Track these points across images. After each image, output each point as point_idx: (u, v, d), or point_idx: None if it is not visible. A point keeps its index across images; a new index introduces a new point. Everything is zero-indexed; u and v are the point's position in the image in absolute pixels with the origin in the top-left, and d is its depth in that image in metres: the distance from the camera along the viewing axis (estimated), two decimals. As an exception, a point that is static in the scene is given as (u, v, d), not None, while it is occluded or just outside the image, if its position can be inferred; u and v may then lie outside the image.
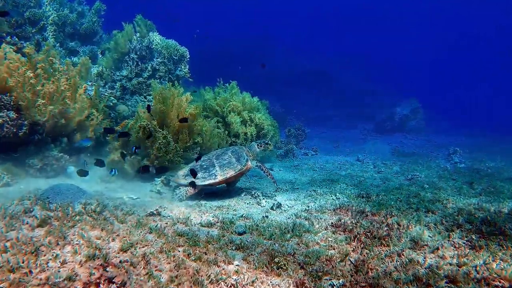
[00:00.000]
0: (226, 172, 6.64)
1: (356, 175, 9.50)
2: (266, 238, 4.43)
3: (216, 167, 6.67)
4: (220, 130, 10.11)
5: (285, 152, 12.78)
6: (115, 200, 5.30)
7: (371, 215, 5.56)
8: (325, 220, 5.30)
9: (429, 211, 5.79)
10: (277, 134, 11.54)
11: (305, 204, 6.25)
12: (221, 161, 6.76)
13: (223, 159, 6.82)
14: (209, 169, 6.64)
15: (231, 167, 6.72)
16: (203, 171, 6.61)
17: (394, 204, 6.22)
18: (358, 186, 8.09)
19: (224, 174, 6.60)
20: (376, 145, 15.43)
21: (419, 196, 6.91)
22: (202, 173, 6.57)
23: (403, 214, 5.61)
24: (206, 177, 6.52)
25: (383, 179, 9.00)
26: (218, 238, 4.25)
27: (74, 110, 6.90)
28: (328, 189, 7.66)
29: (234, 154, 6.98)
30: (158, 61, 10.76)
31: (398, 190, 7.56)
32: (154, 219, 4.63)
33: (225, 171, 6.64)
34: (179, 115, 8.59)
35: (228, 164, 6.74)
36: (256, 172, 8.95)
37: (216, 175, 6.55)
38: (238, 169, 6.73)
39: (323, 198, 6.79)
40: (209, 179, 6.51)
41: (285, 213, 5.70)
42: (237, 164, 6.78)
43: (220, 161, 6.77)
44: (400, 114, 24.65)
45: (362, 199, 6.71)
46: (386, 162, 11.98)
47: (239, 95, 11.19)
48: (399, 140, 20.62)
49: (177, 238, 4.12)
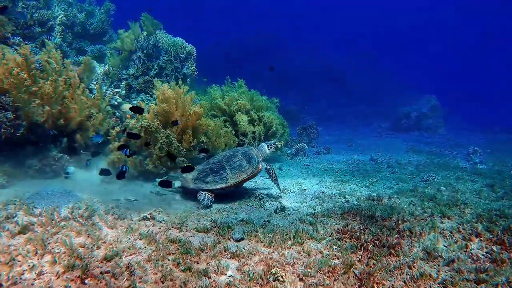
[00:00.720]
0: (238, 175, 6.36)
1: (368, 176, 9.06)
2: (265, 245, 4.13)
3: (227, 170, 6.40)
4: (227, 129, 9.84)
5: (295, 151, 12.42)
6: (110, 202, 5.10)
7: (381, 220, 5.18)
8: (331, 226, 4.95)
9: (445, 216, 5.36)
10: (286, 133, 11.20)
11: (312, 207, 5.91)
12: (231, 164, 6.49)
13: (233, 161, 6.54)
14: (220, 172, 6.37)
15: (242, 170, 6.44)
16: (214, 174, 6.35)
17: (407, 208, 5.81)
18: (370, 188, 7.67)
19: (236, 178, 6.33)
20: (391, 144, 14.85)
21: (434, 199, 6.45)
22: (212, 176, 6.31)
23: (416, 219, 5.20)
24: (217, 181, 6.25)
25: (396, 180, 8.54)
26: (212, 245, 3.97)
27: (74, 110, 6.76)
28: (338, 190, 7.28)
29: (245, 156, 6.69)
30: (164, 59, 10.58)
31: (412, 192, 7.11)
32: (147, 224, 4.39)
33: (236, 174, 6.37)
34: (183, 115, 8.38)
35: (239, 167, 6.46)
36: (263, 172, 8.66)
37: (227, 179, 6.29)
38: (250, 172, 6.46)
39: (331, 200, 6.43)
40: (221, 183, 6.24)
41: (289, 217, 5.38)
42: (248, 167, 6.50)
43: (230, 163, 6.50)
44: (418, 111, 23.79)
45: (373, 202, 6.31)
46: (401, 161, 11.46)
47: (247, 93, 10.90)
48: (415, 139, 19.88)
49: (169, 245, 3.87)
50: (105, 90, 9.26)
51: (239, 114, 10.05)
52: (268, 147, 7.24)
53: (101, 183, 6.55)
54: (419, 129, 23.21)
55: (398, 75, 39.51)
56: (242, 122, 9.97)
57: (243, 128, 9.98)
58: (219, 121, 9.42)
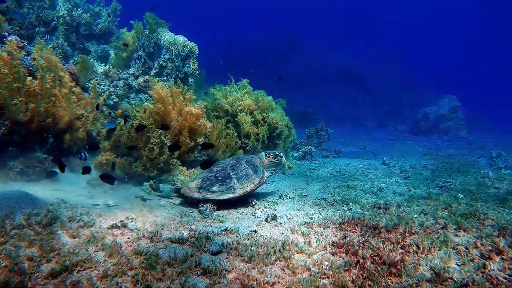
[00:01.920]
0: (246, 185, 5.93)
1: (378, 181, 8.38)
2: (244, 260, 3.60)
3: (233, 179, 5.96)
4: (230, 131, 9.37)
5: (302, 154, 11.82)
6: (84, 207, 4.69)
7: (386, 232, 4.56)
8: (326, 237, 4.37)
9: (461, 228, 4.68)
10: (292, 135, 10.62)
11: (309, 216, 5.33)
12: (237, 173, 6.05)
13: (239, 170, 6.09)
14: (226, 181, 5.93)
15: (249, 179, 6.00)
16: (220, 183, 5.90)
17: (417, 218, 5.15)
18: (378, 194, 7.01)
19: (244, 188, 5.89)
20: (407, 147, 14.02)
21: (450, 208, 5.75)
22: (218, 186, 5.87)
23: (426, 232, 4.55)
24: (224, 190, 5.81)
25: (409, 186, 7.82)
26: (183, 259, 3.48)
27: (62, 109, 6.45)
28: (341, 197, 6.66)
29: (250, 164, 6.24)
30: (165, 57, 10.23)
31: (425, 200, 6.42)
32: (115, 232, 3.95)
33: (244, 184, 5.93)
34: (181, 115, 7.98)
35: (246, 177, 6.01)
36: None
37: (235, 189, 5.84)
38: (257, 182, 6.04)
39: (332, 208, 5.83)
40: (228, 193, 5.79)
41: (280, 226, 4.83)
42: (255, 177, 6.08)
43: (236, 172, 6.06)
44: (437, 113, 22.64)
45: (379, 211, 5.67)
46: (415, 166, 10.67)
47: (252, 93, 10.41)
48: (434, 142, 18.86)
49: (133, 258, 3.41)
50: (102, 90, 8.97)
51: (242, 115, 9.56)
52: (266, 156, 6.79)
53: (86, 185, 6.19)
54: (438, 131, 22.07)
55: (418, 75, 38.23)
56: (245, 123, 9.47)
57: (246, 130, 9.48)
58: (220, 122, 8.95)
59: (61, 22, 11.38)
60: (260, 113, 9.93)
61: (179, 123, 7.89)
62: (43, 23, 11.77)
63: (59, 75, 6.64)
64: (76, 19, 12.19)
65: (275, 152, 6.84)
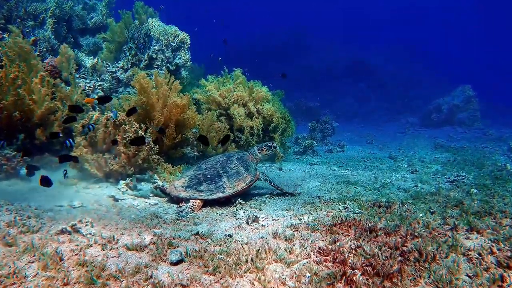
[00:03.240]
0: (236, 184, 5.41)
1: (382, 176, 7.67)
2: (208, 271, 3.00)
3: (223, 178, 5.44)
4: (222, 124, 8.80)
5: (303, 149, 11.14)
6: (39, 210, 4.17)
7: (384, 235, 3.90)
8: (312, 242, 3.74)
9: (474, 229, 3.99)
10: (290, 127, 9.96)
11: (297, 216, 4.70)
12: (228, 171, 5.52)
13: (230, 168, 5.56)
14: (215, 180, 5.41)
15: (240, 178, 5.47)
16: (208, 182, 5.40)
17: (422, 218, 4.47)
18: (380, 191, 6.32)
19: (234, 187, 5.38)
20: (416, 140, 13.17)
21: (461, 205, 5.04)
22: (207, 184, 5.36)
23: (432, 234, 3.88)
24: (213, 189, 5.31)
25: (416, 181, 7.10)
26: (134, 271, 2.91)
27: (32, 102, 5.95)
28: (339, 194, 6.00)
29: (241, 161, 5.70)
30: (155, 48, 9.69)
31: (433, 196, 5.71)
32: (62, 239, 3.40)
33: (234, 183, 5.40)
34: (167, 107, 7.44)
35: (237, 175, 5.48)
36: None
37: (224, 188, 5.33)
38: (249, 180, 5.52)
39: (326, 207, 5.17)
40: (217, 192, 5.29)
41: (262, 229, 4.21)
42: (246, 175, 5.55)
43: (226, 170, 5.52)
44: (449, 104, 21.55)
45: (379, 209, 5.00)
46: (424, 159, 9.88)
47: (246, 84, 9.80)
48: (447, 134, 17.89)
49: (74, 270, 2.85)
50: (86, 83, 8.49)
51: (235, 107, 8.95)
52: (259, 150, 6.21)
53: (59, 185, 5.68)
54: (452, 123, 21.03)
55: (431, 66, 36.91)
56: (238, 115, 8.87)
57: (239, 122, 8.88)
58: (209, 114, 8.37)
59: (49, 15, 10.93)
60: (255, 104, 9.30)
61: (164, 115, 7.35)
62: (32, 16, 11.38)
63: (30, 64, 6.13)
64: (67, 12, 11.77)
65: (267, 144, 6.24)
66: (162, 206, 5.06)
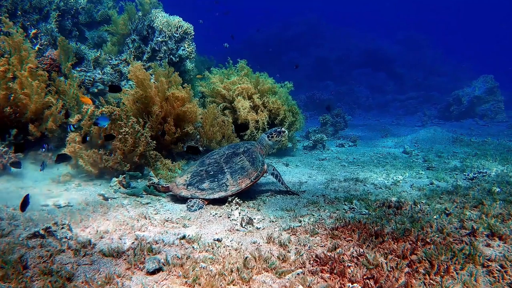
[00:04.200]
0: (240, 181, 5.05)
1: (394, 172, 7.17)
2: (187, 283, 2.67)
3: (226, 174, 5.09)
4: (225, 118, 8.45)
5: (313, 143, 10.68)
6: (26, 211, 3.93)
7: (391, 240, 3.49)
8: (310, 249, 3.37)
9: (495, 235, 3.53)
10: (298, 121, 9.51)
11: (297, 218, 4.31)
12: (232, 166, 5.16)
13: (234, 162, 5.19)
14: (218, 176, 5.07)
15: (245, 174, 5.11)
16: (211, 179, 5.06)
17: (436, 221, 4.01)
18: (391, 189, 5.85)
19: (237, 185, 5.02)
20: (434, 134, 12.48)
21: (481, 206, 4.54)
22: (209, 182, 5.03)
23: (446, 240, 3.43)
24: (215, 188, 4.98)
25: (431, 178, 6.58)
26: (104, 281, 2.61)
27: (25, 96, 5.75)
28: (346, 193, 5.57)
29: (247, 155, 5.30)
30: (158, 40, 9.38)
31: (450, 195, 5.20)
32: (32, 243, 3.13)
33: (238, 179, 5.05)
34: (168, 100, 7.14)
35: (241, 171, 5.11)
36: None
37: (227, 186, 4.99)
38: (254, 176, 5.15)
39: (330, 208, 4.77)
40: (219, 191, 4.95)
41: (256, 232, 3.85)
42: (252, 170, 5.17)
43: (230, 165, 5.16)
44: (470, 95, 20.50)
45: (388, 210, 4.56)
46: (442, 154, 9.26)
47: (252, 76, 9.40)
48: (467, 127, 17.00)
49: (37, 281, 2.57)
50: (87, 76, 8.27)
51: (239, 100, 8.58)
52: (268, 136, 5.72)
53: (51, 183, 5.48)
54: (473, 116, 20.01)
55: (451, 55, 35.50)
56: (242, 108, 8.49)
57: (243, 116, 8.50)
58: (212, 108, 8.03)
59: (53, 8, 10.77)
60: (260, 97, 8.90)
61: (163, 109, 7.06)
62: (38, 10, 11.27)
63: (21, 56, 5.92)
64: (73, 6, 11.61)
65: (276, 130, 5.75)
66: (154, 205, 4.76)
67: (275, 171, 5.56)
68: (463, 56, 36.94)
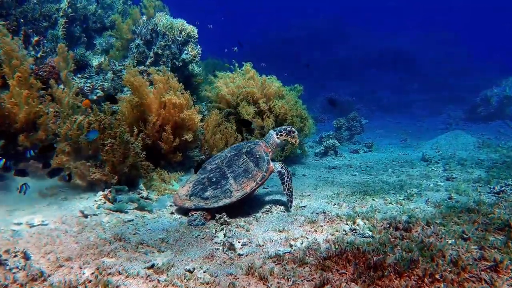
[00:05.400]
0: (245, 184, 4.69)
1: (409, 184, 6.52)
2: (137, 332, 2.26)
3: (229, 179, 4.74)
4: (228, 125, 8.07)
5: (324, 149, 10.09)
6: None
7: (393, 275, 2.96)
8: (294, 284, 2.88)
9: (525, 270, 2.92)
10: (308, 127, 8.97)
11: (289, 242, 3.82)
12: (235, 170, 4.80)
13: (237, 165, 4.83)
14: (221, 183, 4.73)
15: (249, 176, 4.73)
16: (213, 186, 4.72)
17: (452, 248, 3.42)
18: (404, 205, 5.23)
19: (242, 189, 4.65)
20: (459, 138, 11.56)
21: (508, 230, 3.89)
22: (212, 189, 4.69)
23: (461, 276, 2.86)
24: (218, 195, 4.63)
25: (450, 191, 5.89)
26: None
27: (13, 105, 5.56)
28: (350, 210, 5.01)
29: (250, 155, 4.92)
30: (161, 44, 9.10)
31: (471, 214, 4.55)
32: (-23, 275, 2.81)
33: (242, 184, 4.69)
34: (166, 108, 6.83)
35: (245, 173, 4.74)
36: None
37: (231, 192, 4.64)
38: (260, 178, 4.76)
39: (330, 228, 4.24)
40: (224, 198, 4.61)
41: (237, 260, 3.39)
42: (256, 172, 4.79)
43: (233, 169, 4.81)
44: (500, 95, 19.15)
45: (396, 233, 3.98)
46: (465, 162, 8.45)
47: (258, 79, 8.96)
48: (496, 130, 15.83)
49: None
50: (87, 83, 8.08)
51: (243, 105, 8.15)
52: (278, 135, 5.27)
53: (38, 197, 5.23)
54: (502, 117, 18.68)
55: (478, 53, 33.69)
56: (246, 114, 8.06)
57: (248, 122, 8.07)
58: (214, 114, 7.66)
59: (60, 14, 10.76)
60: (266, 101, 8.44)
61: (160, 116, 6.74)
62: (47, 17, 11.31)
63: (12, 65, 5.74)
64: (81, 12, 11.59)
65: (287, 128, 5.28)
66: (136, 223, 4.39)
67: (284, 169, 5.01)
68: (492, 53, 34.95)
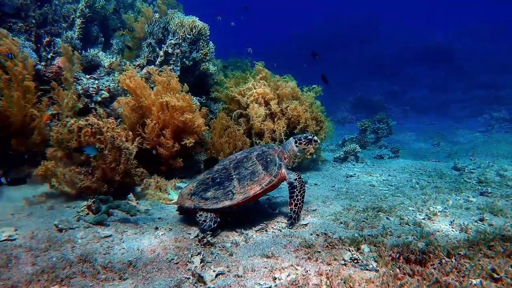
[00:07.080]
0: (248, 187, 4.33)
1: (434, 199, 5.67)
2: None
3: (233, 180, 4.40)
4: (239, 127, 7.59)
5: (344, 155, 9.32)
6: None
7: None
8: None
9: None
10: (324, 130, 8.25)
11: (273, 272, 3.24)
12: (241, 171, 4.45)
13: (244, 167, 4.47)
14: (225, 184, 4.41)
15: (254, 179, 4.35)
16: (216, 187, 4.43)
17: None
18: (422, 226, 4.45)
19: (245, 192, 4.31)
20: (500, 143, 10.29)
21: (552, 268, 3.08)
22: (214, 190, 4.40)
23: None
24: (219, 196, 4.33)
25: (483, 210, 5.02)
26: None
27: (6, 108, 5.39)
28: (358, 230, 4.33)
29: (261, 158, 4.52)
30: (171, 43, 8.77)
31: (506, 243, 3.72)
32: None
33: (246, 186, 4.33)
34: (168, 109, 6.47)
35: (251, 176, 4.36)
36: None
37: (233, 194, 4.31)
38: (266, 182, 4.38)
39: (327, 255, 3.60)
40: (224, 199, 4.30)
41: (207, 296, 2.88)
42: (264, 175, 4.40)
43: (240, 171, 4.46)
44: (552, 95, 17.20)
45: (406, 266, 3.28)
46: (505, 173, 7.37)
47: (271, 79, 8.39)
48: (546, 134, 14.14)
49: None
50: (94, 84, 7.89)
51: (253, 106, 7.61)
52: (297, 143, 4.88)
53: (23, 203, 5.02)
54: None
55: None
56: (256, 116, 7.51)
57: (257, 126, 7.52)
58: (221, 117, 7.20)
59: (77, 15, 10.76)
60: (279, 103, 7.85)
61: (160, 120, 6.37)
62: (66, 18, 11.39)
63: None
64: (99, 12, 11.58)
65: (308, 136, 4.87)
66: (112, 240, 3.99)
67: (298, 182, 4.52)
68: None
